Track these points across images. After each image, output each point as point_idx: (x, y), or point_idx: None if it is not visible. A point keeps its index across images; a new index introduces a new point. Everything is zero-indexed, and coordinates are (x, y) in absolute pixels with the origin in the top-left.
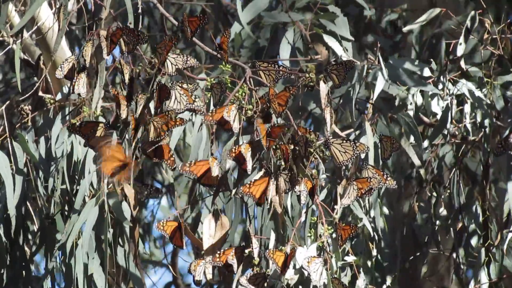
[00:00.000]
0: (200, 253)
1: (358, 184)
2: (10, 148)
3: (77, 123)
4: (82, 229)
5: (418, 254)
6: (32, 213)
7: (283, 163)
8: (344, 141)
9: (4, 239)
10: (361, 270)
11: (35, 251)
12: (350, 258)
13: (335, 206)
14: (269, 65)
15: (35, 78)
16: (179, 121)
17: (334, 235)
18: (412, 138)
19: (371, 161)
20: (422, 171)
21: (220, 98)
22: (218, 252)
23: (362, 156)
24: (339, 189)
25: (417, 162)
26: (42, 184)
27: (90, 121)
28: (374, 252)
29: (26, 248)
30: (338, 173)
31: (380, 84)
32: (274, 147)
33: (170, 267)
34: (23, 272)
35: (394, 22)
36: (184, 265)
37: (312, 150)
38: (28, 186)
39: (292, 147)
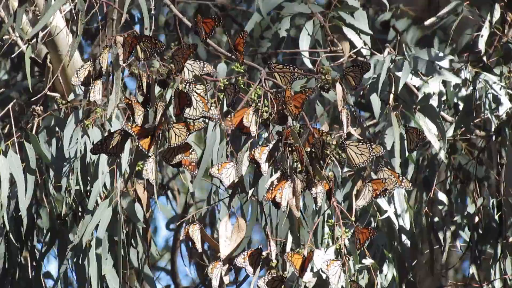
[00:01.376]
0: (217, 256)
1: (373, 185)
2: (17, 148)
3: (98, 143)
4: (95, 230)
5: (436, 247)
6: (43, 214)
7: (299, 165)
8: (360, 143)
9: (14, 239)
10: (377, 273)
11: (46, 251)
12: (368, 261)
13: (356, 204)
14: (284, 67)
15: (38, 78)
16: (198, 125)
17: (352, 238)
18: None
19: (397, 153)
20: (444, 159)
21: (233, 99)
22: (243, 253)
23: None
24: (354, 191)
25: (437, 146)
26: (53, 184)
27: (107, 136)
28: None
29: (36, 250)
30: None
31: (406, 74)
32: (290, 149)
33: (169, 268)
34: (34, 272)
35: (387, 21)
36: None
37: (328, 152)
38: (39, 186)
39: (308, 149)
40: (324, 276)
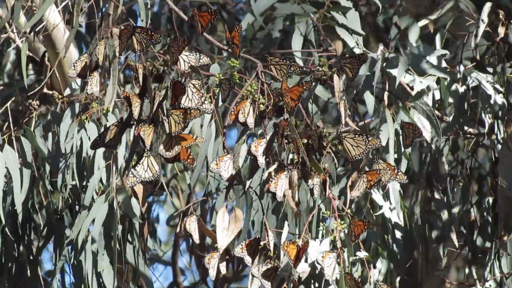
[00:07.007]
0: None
1: (368, 177)
2: (15, 143)
3: (97, 138)
4: (91, 225)
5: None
6: (40, 209)
7: (296, 156)
8: (357, 135)
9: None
10: (371, 266)
11: (42, 246)
12: (362, 254)
13: (351, 195)
14: (280, 60)
15: (36, 76)
16: (195, 113)
17: (346, 230)
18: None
19: (391, 149)
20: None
21: (228, 93)
22: (241, 243)
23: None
24: (349, 182)
25: (428, 137)
26: (49, 179)
27: (105, 130)
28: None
29: (33, 246)
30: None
31: (402, 70)
32: (287, 140)
33: (172, 263)
34: (30, 267)
35: (390, 18)
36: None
37: (325, 144)
38: (36, 181)
39: (305, 141)
40: (319, 267)
